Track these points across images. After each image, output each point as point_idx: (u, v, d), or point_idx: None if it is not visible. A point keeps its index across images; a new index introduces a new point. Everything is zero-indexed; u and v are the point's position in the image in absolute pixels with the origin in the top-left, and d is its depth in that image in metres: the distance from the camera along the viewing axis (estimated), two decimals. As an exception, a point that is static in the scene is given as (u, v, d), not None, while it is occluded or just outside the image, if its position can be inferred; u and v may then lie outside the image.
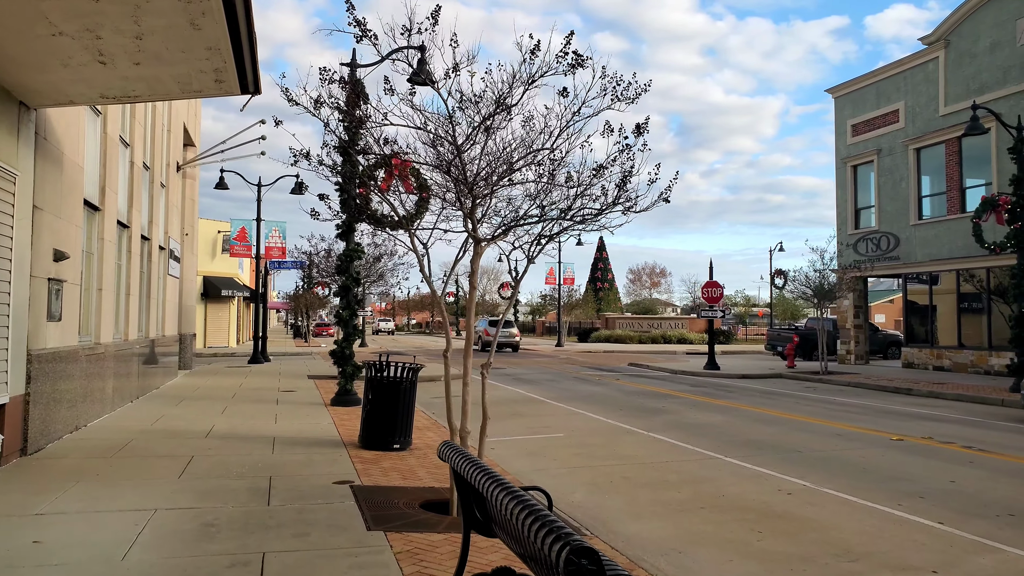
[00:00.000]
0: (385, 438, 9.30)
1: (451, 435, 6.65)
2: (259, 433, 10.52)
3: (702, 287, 27.66)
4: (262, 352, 27.55)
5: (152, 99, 8.50)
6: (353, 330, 14.12)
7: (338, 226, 14.21)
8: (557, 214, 6.26)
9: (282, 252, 27.22)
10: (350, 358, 14.04)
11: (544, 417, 14.09)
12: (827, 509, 7.43)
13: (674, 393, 18.81)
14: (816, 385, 21.69)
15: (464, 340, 6.69)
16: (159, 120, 16.38)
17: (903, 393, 19.38)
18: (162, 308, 17.55)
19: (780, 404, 16.57)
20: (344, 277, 14.19)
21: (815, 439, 11.66)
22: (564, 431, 12.39)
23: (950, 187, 25.02)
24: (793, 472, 9.09)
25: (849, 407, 16.12)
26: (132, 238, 13.56)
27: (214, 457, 8.62)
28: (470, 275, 6.60)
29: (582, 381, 22.18)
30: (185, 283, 21.94)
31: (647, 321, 57.53)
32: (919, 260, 26.02)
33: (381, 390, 9.30)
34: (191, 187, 22.59)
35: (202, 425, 11.14)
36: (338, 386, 14.02)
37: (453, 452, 4.09)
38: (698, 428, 12.75)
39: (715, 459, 10.00)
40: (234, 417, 12.13)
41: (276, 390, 16.79)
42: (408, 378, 9.42)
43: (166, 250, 17.78)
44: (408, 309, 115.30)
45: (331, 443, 9.84)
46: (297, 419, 12.05)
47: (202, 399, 14.66)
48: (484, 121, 5.95)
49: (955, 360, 24.63)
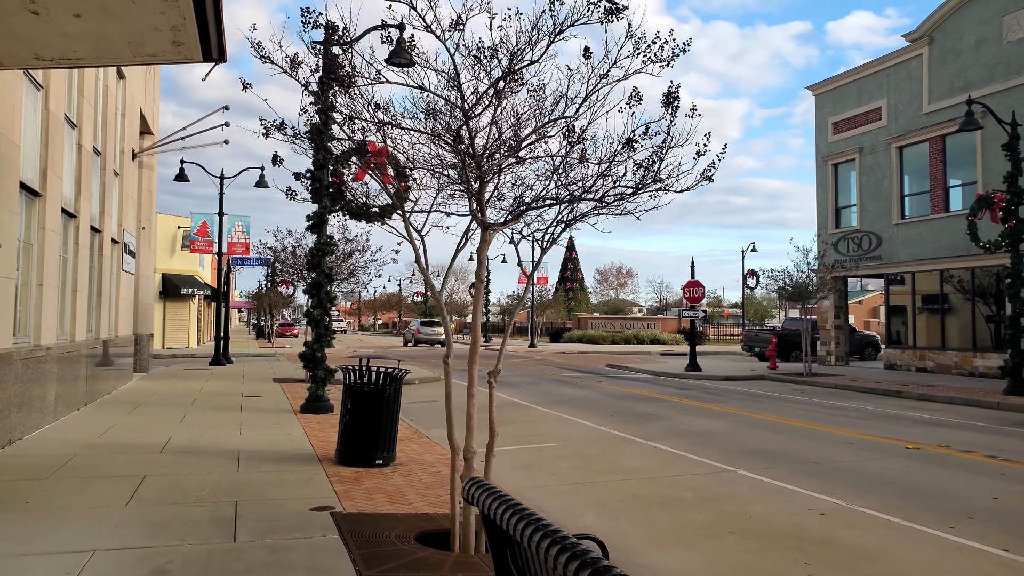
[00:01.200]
0: (366, 453, 8.26)
1: (452, 455, 5.66)
2: (222, 446, 9.40)
3: (683, 286, 26.95)
4: (224, 353, 26.17)
5: (98, 62, 7.36)
6: (325, 331, 13.02)
7: (308, 217, 13.11)
8: (580, 194, 5.28)
9: (246, 248, 25.88)
10: (322, 361, 12.94)
11: (532, 424, 13.15)
12: (873, 533, 6.59)
13: (662, 396, 17.99)
14: (803, 387, 21.06)
15: (470, 345, 5.68)
16: (112, 102, 15.09)
17: (893, 395, 18.81)
18: (115, 306, 16.24)
19: (774, 408, 15.83)
20: (315, 273, 13.09)
21: (826, 448, 10.88)
22: (556, 440, 11.45)
23: (934, 186, 24.63)
24: (817, 487, 8.26)
25: (846, 411, 15.43)
26: (80, 229, 12.30)
27: (170, 477, 7.51)
28: (476, 266, 5.60)
29: (563, 384, 21.28)
30: (141, 280, 20.58)
31: (619, 321, 56.89)
32: (902, 260, 25.61)
33: (362, 399, 8.26)
34: (148, 178, 21.23)
35: (157, 437, 9.97)
36: (308, 391, 12.91)
37: (484, 493, 3.11)
38: (699, 436, 11.91)
39: (728, 472, 9.14)
40: (194, 427, 10.97)
41: (240, 395, 15.59)
42: (392, 385, 8.39)
43: (120, 244, 16.47)
44: (375, 309, 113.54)
45: (304, 458, 8.77)
46: (264, 429, 10.93)
47: (158, 405, 13.44)
48: (503, 78, 4.97)
49: (938, 361, 24.24)
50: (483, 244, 5.53)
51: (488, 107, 5.19)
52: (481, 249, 5.55)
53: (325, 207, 13.00)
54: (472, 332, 5.63)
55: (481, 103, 5.11)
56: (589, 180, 5.17)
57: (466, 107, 5.11)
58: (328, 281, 13.07)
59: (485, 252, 5.56)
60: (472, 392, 5.55)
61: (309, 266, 13.25)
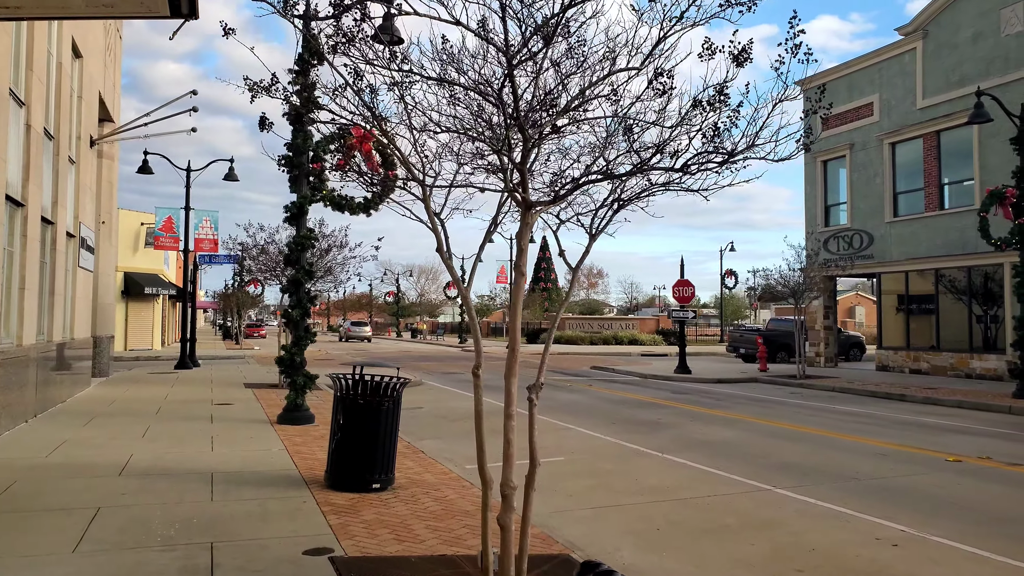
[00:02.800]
0: (361, 475, 7.13)
1: (484, 489, 4.59)
2: (192, 465, 8.20)
3: (673, 286, 26.11)
4: (190, 356, 24.72)
5: (43, 13, 6.16)
6: (305, 333, 11.82)
7: (286, 208, 11.91)
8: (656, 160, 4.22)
9: (214, 244, 24.45)
10: (301, 367, 11.75)
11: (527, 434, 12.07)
12: (965, 571, 5.65)
13: (659, 401, 17.05)
14: (799, 391, 20.28)
15: (508, 352, 4.60)
16: (66, 81, 13.73)
17: (896, 399, 18.08)
18: (71, 306, 14.86)
19: (781, 414, 14.96)
20: (294, 269, 11.89)
21: (859, 460, 9.97)
22: (563, 453, 10.41)
23: (928, 183, 24.05)
24: (875, 510, 7.31)
25: (857, 417, 14.61)
26: (29, 220, 10.98)
27: (130, 509, 6.32)
28: (516, 255, 4.53)
29: (553, 388, 20.25)
30: (101, 278, 19.14)
31: (597, 322, 56.05)
32: (895, 259, 25.00)
33: (356, 413, 7.13)
34: (109, 169, 19.78)
35: (116, 454, 8.73)
36: (286, 400, 11.71)
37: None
38: (715, 447, 10.95)
39: (765, 491, 8.17)
40: (159, 441, 9.73)
41: (209, 402, 14.31)
42: (391, 397, 7.28)
43: (76, 238, 15.08)
44: (344, 309, 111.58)
45: (288, 480, 7.61)
46: (239, 443, 9.73)
47: (119, 415, 12.13)
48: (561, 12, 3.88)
49: (933, 363, 23.65)
50: (524, 228, 4.45)
51: (536, 55, 4.11)
52: (522, 234, 4.47)
53: (305, 196, 11.83)
54: (511, 336, 4.57)
55: (530, 47, 4.02)
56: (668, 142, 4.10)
57: (510, 51, 4.02)
58: (308, 278, 11.88)
59: (527, 238, 4.48)
60: (511, 412, 4.50)
61: (287, 261, 12.04)
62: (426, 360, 33.56)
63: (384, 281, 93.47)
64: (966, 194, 23.00)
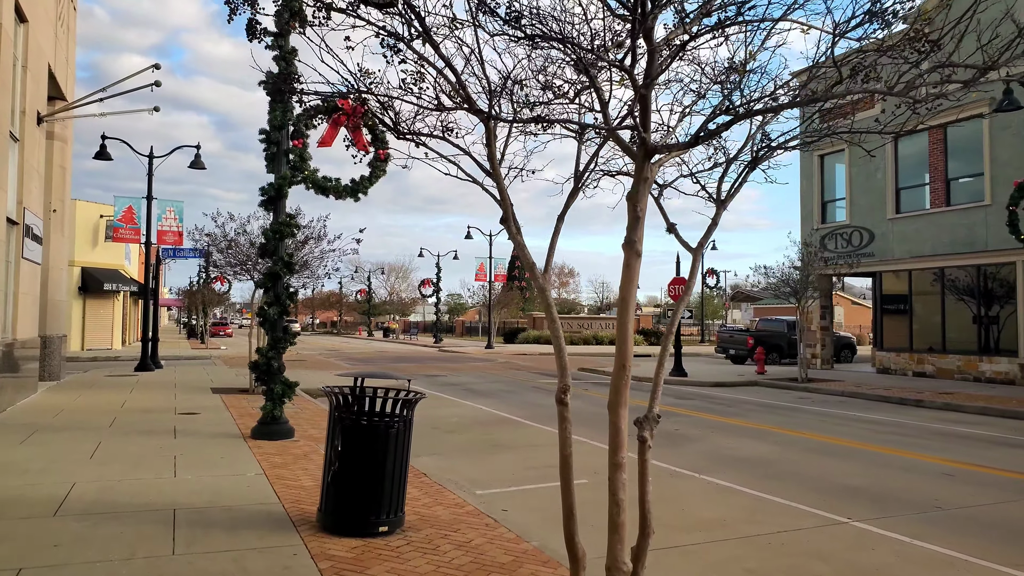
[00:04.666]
0: (364, 515, 5.66)
1: (573, 567, 3.17)
2: (149, 498, 6.65)
3: (669, 284, 24.89)
4: (152, 357, 22.90)
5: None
6: (284, 334, 10.28)
7: (263, 190, 10.35)
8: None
9: (178, 237, 22.64)
10: (279, 373, 10.21)
11: (538, 449, 10.70)
12: None
13: (668, 408, 15.73)
14: (807, 395, 19.12)
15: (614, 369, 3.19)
16: (7, 47, 12.01)
17: (912, 405, 17.00)
18: (12, 302, 13.13)
19: (804, 423, 13.74)
20: (271, 261, 10.33)
21: (926, 483, 8.72)
22: (582, 471, 8.97)
23: (934, 178, 23.08)
24: (991, 555, 6.02)
25: (888, 427, 13.44)
26: (-43, 200, 9.31)
27: (62, 570, 4.78)
28: (630, 227, 3.11)
29: (546, 393, 18.87)
30: (52, 271, 17.34)
31: (576, 321, 54.77)
32: (897, 257, 24.01)
33: (359, 437, 5.66)
34: (62, 152, 17.95)
35: (54, 484, 7.15)
36: (262, 411, 10.15)
37: None
38: (754, 465, 9.65)
39: (841, 524, 6.86)
40: (110, 464, 8.15)
41: (172, 411, 12.68)
42: (403, 415, 5.82)
43: (20, 226, 13.35)
44: (312, 308, 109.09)
45: (271, 520, 6.11)
46: (208, 466, 8.18)
47: (65, 430, 10.48)
48: None
49: (939, 366, 22.69)
50: (641, 185, 3.05)
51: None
52: (639, 193, 3.07)
53: (284, 177, 10.29)
54: (620, 345, 3.16)
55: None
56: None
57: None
58: (287, 271, 10.33)
59: (645, 198, 3.07)
60: (620, 460, 3.10)
61: (262, 252, 10.47)
62: (403, 361, 31.99)
63: (355, 279, 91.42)
64: (975, 190, 22.06)
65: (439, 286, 52.26)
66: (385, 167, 10.88)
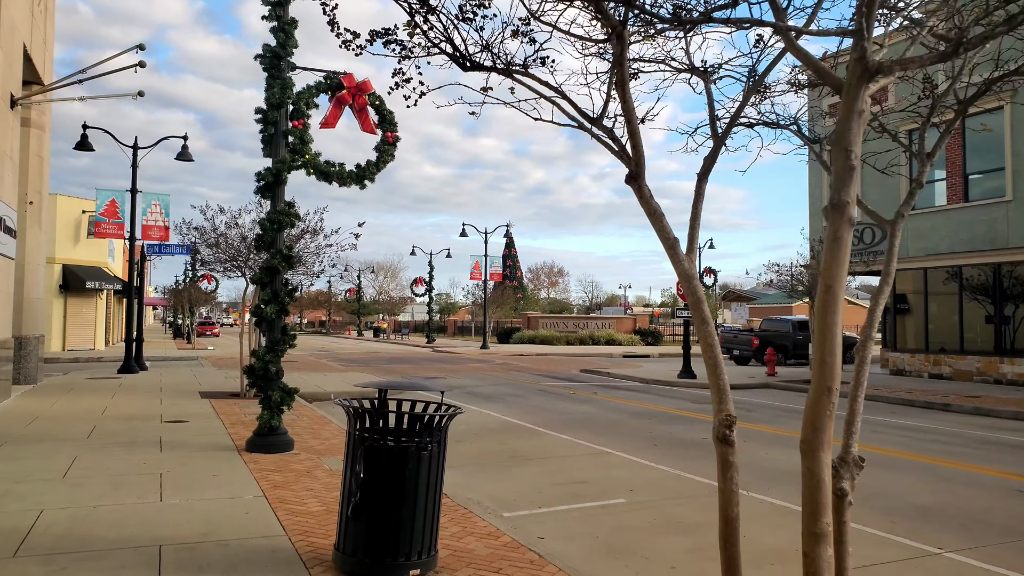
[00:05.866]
0: (393, 555, 4.68)
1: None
2: (130, 531, 5.65)
3: (678, 283, 23.98)
4: (137, 358, 21.78)
5: None
6: (283, 335, 9.27)
7: (259, 176, 9.33)
8: None
9: (164, 232, 21.52)
10: (277, 378, 9.21)
11: (559, 461, 9.77)
12: None
13: (688, 414, 14.83)
14: (827, 398, 18.23)
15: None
16: (-23, 18, 10.94)
17: (939, 409, 16.19)
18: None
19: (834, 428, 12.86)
20: (269, 254, 9.32)
21: (1003, 502, 7.84)
22: (618, 490, 8.11)
23: (951, 173, 22.29)
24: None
25: (931, 435, 12.59)
26: (-87, 184, 8.25)
27: (18, 635, 3.79)
28: (840, 190, 2.15)
29: (554, 396, 17.92)
30: (29, 268, 16.24)
31: (572, 321, 53.81)
32: (912, 255, 23.21)
33: (386, 461, 4.69)
34: (39, 140, 16.85)
35: (19, 512, 6.12)
36: (259, 421, 9.15)
37: None
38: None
39: (933, 556, 5.96)
40: (86, 485, 7.13)
41: (158, 419, 11.65)
42: (436, 435, 4.85)
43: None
44: (300, 307, 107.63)
45: (276, 558, 5.12)
46: (200, 487, 7.17)
47: (37, 442, 9.43)
48: None
49: (956, 367, 21.91)
50: (855, 120, 2.09)
51: None
52: (851, 132, 2.11)
53: (283, 161, 9.28)
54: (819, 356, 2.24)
55: None
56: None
57: None
58: (287, 265, 9.33)
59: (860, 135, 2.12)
60: (824, 527, 2.17)
61: (259, 244, 9.45)
62: (398, 362, 30.98)
63: (343, 279, 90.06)
64: (995, 185, 21.30)
65: (432, 285, 51.22)
66: (393, 151, 9.89)
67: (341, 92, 9.63)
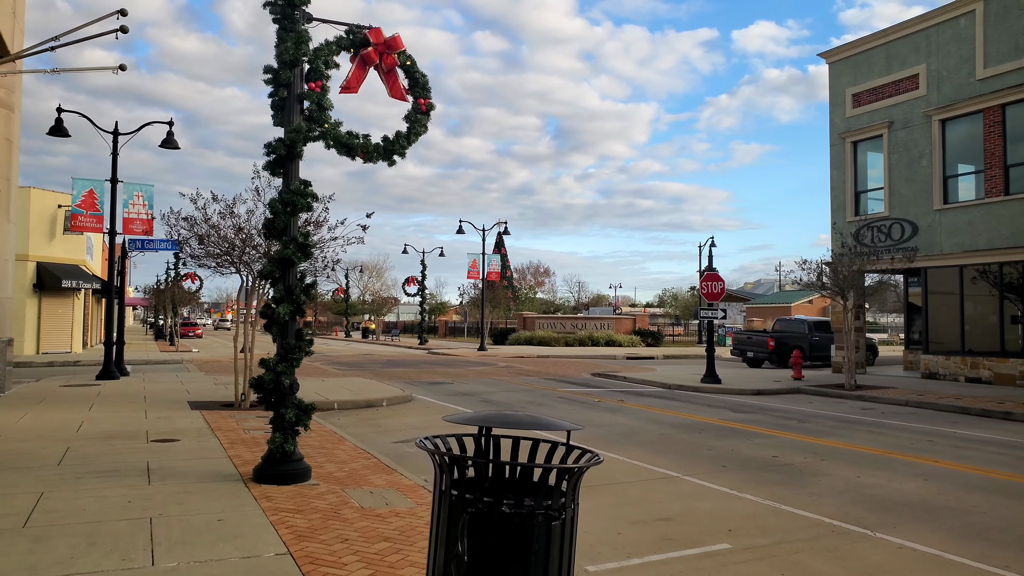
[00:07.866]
0: None
1: None
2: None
3: (701, 280, 22.56)
4: (117, 362, 20.04)
5: None
6: (298, 340, 7.66)
7: (269, 148, 7.72)
8: None
9: (148, 226, 19.77)
10: (291, 392, 7.61)
11: (626, 488, 8.27)
12: None
13: (738, 426, 13.34)
14: (872, 406, 16.87)
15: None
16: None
17: (999, 417, 14.89)
18: (-64, 299, 10.34)
19: (909, 444, 11.45)
20: (281, 243, 7.72)
21: None
22: (709, 528, 6.63)
23: (990, 164, 21.00)
24: None
25: (1006, 448, 11.20)
26: None
27: None
28: None
29: (580, 405, 16.39)
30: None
31: (570, 321, 52.29)
32: (946, 251, 21.91)
33: (502, 537, 3.13)
34: (7, 121, 15.13)
35: (-38, 582, 4.52)
36: (270, 446, 7.54)
37: None
38: (926, 512, 7.31)
39: None
40: (52, 539, 5.51)
41: (143, 437, 10.00)
42: (569, 498, 3.30)
43: (-53, 202, 10.56)
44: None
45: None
46: (202, 541, 5.56)
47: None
48: None
49: (997, 371, 20.61)
50: None
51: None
52: None
53: (298, 131, 7.68)
54: None
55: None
56: None
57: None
58: (303, 256, 7.73)
59: None
60: None
61: (269, 231, 7.81)
62: (396, 365, 29.33)
63: (329, 279, 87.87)
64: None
65: (424, 284, 49.53)
66: (427, 121, 8.32)
67: (366, 50, 8.04)
